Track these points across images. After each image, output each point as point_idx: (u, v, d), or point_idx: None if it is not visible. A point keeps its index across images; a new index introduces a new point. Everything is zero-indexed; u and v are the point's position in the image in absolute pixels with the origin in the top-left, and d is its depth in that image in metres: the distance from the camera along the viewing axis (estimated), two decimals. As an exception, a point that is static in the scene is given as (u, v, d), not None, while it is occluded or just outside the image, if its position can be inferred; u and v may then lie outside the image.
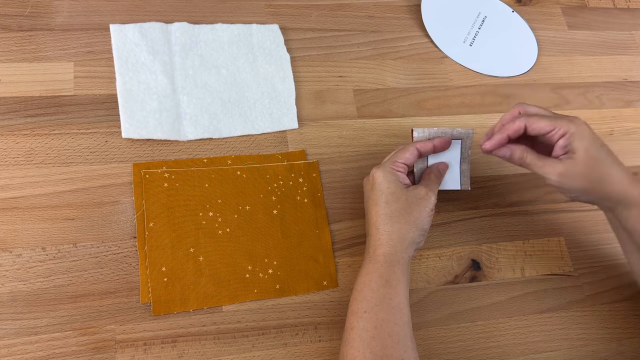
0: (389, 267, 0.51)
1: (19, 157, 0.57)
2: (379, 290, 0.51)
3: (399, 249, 0.52)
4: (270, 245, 0.59)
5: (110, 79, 0.63)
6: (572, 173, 0.52)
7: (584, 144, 0.52)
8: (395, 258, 0.52)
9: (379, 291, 0.50)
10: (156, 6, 0.68)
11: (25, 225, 0.55)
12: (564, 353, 0.60)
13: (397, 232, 0.53)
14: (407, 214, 0.53)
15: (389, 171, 0.55)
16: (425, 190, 0.55)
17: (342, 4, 0.75)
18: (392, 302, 0.50)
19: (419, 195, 0.54)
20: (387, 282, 0.51)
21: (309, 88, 0.68)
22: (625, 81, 0.80)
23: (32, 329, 0.51)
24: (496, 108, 0.73)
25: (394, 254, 0.52)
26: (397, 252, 0.52)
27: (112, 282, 0.54)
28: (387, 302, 0.50)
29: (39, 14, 0.65)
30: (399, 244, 0.52)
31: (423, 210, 0.54)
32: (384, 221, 0.53)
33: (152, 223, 0.57)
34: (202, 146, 0.62)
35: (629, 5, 0.87)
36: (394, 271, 0.51)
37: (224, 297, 0.56)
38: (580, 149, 0.52)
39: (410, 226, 0.53)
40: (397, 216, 0.53)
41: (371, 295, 0.50)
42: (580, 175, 0.52)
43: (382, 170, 0.55)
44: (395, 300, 0.50)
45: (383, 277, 0.51)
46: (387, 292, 0.50)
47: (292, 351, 0.55)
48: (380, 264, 0.52)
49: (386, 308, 0.50)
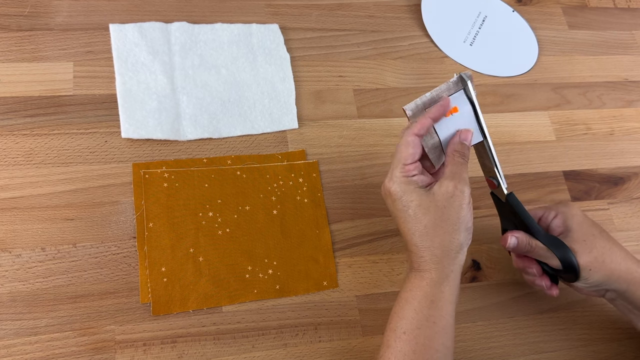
0: (435, 286, 0.46)
1: (18, 157, 0.57)
2: (422, 311, 0.46)
3: (446, 263, 0.46)
4: (270, 245, 0.59)
5: (109, 79, 0.63)
6: (577, 251, 0.51)
7: (576, 220, 0.53)
8: (444, 274, 0.46)
9: (422, 312, 0.45)
10: (156, 6, 0.68)
11: (24, 225, 0.55)
12: (565, 353, 0.60)
13: (440, 246, 0.46)
14: (443, 222, 0.46)
15: (404, 181, 0.48)
16: (454, 184, 0.47)
17: (342, 3, 0.75)
18: (436, 327, 0.45)
19: (447, 194, 0.47)
20: (433, 302, 0.46)
21: (309, 88, 0.68)
22: (625, 81, 0.79)
23: (32, 329, 0.51)
24: (497, 108, 0.73)
25: (442, 269, 0.46)
26: (444, 267, 0.46)
27: (111, 282, 0.54)
28: (430, 325, 0.45)
29: (38, 13, 0.64)
30: (446, 258, 0.46)
31: (459, 209, 0.47)
32: (421, 238, 0.47)
33: (151, 223, 0.57)
34: (201, 146, 0.62)
35: (629, 5, 0.86)
36: (442, 290, 0.46)
37: (224, 298, 0.56)
38: (574, 225, 0.52)
39: (452, 234, 0.47)
40: (433, 229, 0.47)
41: (412, 316, 0.46)
42: (581, 255, 0.51)
43: (395, 183, 0.48)
44: (440, 323, 0.45)
45: (428, 298, 0.46)
46: (432, 314, 0.45)
47: (292, 351, 0.55)
48: (426, 282, 0.46)
49: (428, 333, 0.45)
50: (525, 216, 0.52)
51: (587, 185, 0.70)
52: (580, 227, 0.52)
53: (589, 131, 0.74)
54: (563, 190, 0.69)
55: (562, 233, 0.53)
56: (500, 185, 0.52)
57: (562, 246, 0.51)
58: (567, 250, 0.51)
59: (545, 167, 0.70)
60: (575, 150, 0.72)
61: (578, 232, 0.52)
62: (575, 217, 0.53)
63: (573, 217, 0.53)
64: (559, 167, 0.71)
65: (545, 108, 0.74)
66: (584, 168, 0.71)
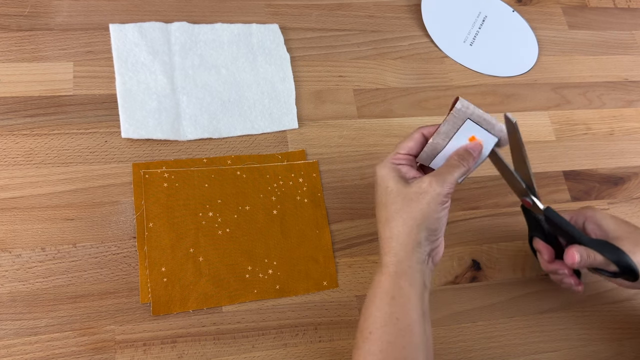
0: (394, 280, 0.46)
1: (18, 157, 0.57)
2: (383, 308, 0.45)
3: (402, 256, 0.46)
4: (270, 245, 0.59)
5: (109, 79, 0.63)
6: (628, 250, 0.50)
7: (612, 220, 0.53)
8: (401, 268, 0.46)
9: (384, 309, 0.45)
10: (156, 6, 0.68)
11: (24, 225, 0.55)
12: (565, 353, 0.60)
13: (397, 237, 0.46)
14: (405, 214, 0.46)
15: (389, 167, 0.48)
16: (429, 181, 0.46)
17: (342, 3, 0.75)
18: (400, 323, 0.44)
19: (419, 189, 0.46)
20: (393, 299, 0.45)
21: (309, 88, 0.68)
22: (625, 81, 0.79)
23: (32, 329, 0.51)
24: (497, 108, 0.73)
25: (398, 263, 0.46)
26: (401, 261, 0.46)
27: (111, 282, 0.54)
28: (393, 322, 0.44)
29: (38, 13, 0.64)
30: (402, 250, 0.46)
31: (426, 206, 0.46)
32: (384, 226, 0.47)
33: (151, 223, 0.57)
34: (201, 146, 0.62)
35: (629, 5, 0.86)
36: (400, 285, 0.45)
37: (224, 298, 0.56)
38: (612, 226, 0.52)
39: (411, 227, 0.46)
40: (395, 219, 0.47)
41: (376, 314, 0.45)
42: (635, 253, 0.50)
43: (382, 167, 0.49)
44: (404, 320, 0.44)
45: (388, 294, 0.45)
46: (393, 312, 0.45)
47: (292, 351, 0.55)
48: (384, 276, 0.46)
49: (393, 330, 0.44)
50: (570, 228, 0.53)
51: (587, 185, 0.70)
52: (619, 227, 0.52)
53: (589, 131, 0.74)
54: (563, 190, 0.69)
55: (601, 236, 0.53)
56: (536, 204, 0.53)
57: (615, 250, 0.51)
58: (621, 252, 0.51)
59: (545, 167, 0.70)
60: (575, 150, 0.72)
61: (619, 232, 0.52)
62: (609, 218, 0.54)
63: (607, 219, 0.54)
64: (559, 167, 0.71)
65: (545, 108, 0.74)
66: (584, 168, 0.71)
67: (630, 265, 0.50)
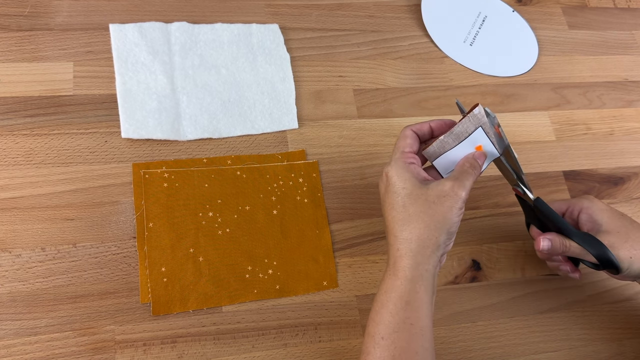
0: (409, 285, 0.45)
1: (18, 157, 0.57)
2: (398, 313, 0.45)
3: (420, 260, 0.46)
4: (270, 245, 0.59)
5: (109, 79, 0.63)
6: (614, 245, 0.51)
7: (606, 214, 0.53)
8: (418, 272, 0.45)
9: (398, 315, 0.45)
10: (156, 6, 0.68)
11: (24, 225, 0.55)
12: (565, 353, 0.60)
13: (417, 240, 0.46)
14: (427, 217, 0.46)
15: (403, 167, 0.48)
16: (451, 185, 0.46)
17: (342, 3, 0.75)
18: (413, 328, 0.44)
19: (442, 192, 0.46)
20: (408, 303, 0.45)
21: (308, 88, 0.68)
22: (625, 81, 0.79)
23: (32, 329, 0.51)
24: (497, 108, 0.73)
25: (415, 267, 0.45)
26: (419, 265, 0.46)
27: (111, 282, 0.54)
28: (407, 328, 0.44)
29: (38, 13, 0.64)
30: (420, 254, 0.46)
31: (448, 209, 0.46)
32: (402, 227, 0.46)
33: (151, 223, 0.57)
34: (201, 146, 0.62)
35: (629, 5, 0.86)
36: (416, 290, 0.45)
37: (224, 298, 0.56)
38: (604, 219, 0.52)
39: (433, 231, 0.46)
40: (415, 221, 0.46)
41: (389, 320, 0.45)
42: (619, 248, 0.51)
43: (395, 167, 0.48)
44: (417, 325, 0.44)
45: (403, 299, 0.45)
46: (408, 317, 0.44)
47: (292, 351, 0.55)
48: (400, 281, 0.45)
49: (406, 335, 0.44)
50: (556, 219, 0.53)
51: (587, 185, 0.70)
52: (611, 220, 0.52)
53: (589, 131, 0.74)
54: (563, 190, 0.69)
55: (593, 228, 0.53)
56: (526, 193, 0.53)
57: (597, 243, 0.51)
58: (602, 246, 0.51)
59: (545, 167, 0.70)
60: (575, 150, 0.72)
61: (610, 225, 0.52)
62: (604, 211, 0.54)
63: (601, 212, 0.53)
64: (559, 167, 0.71)
65: (545, 108, 0.74)
66: (584, 168, 0.71)
67: (610, 259, 0.51)
